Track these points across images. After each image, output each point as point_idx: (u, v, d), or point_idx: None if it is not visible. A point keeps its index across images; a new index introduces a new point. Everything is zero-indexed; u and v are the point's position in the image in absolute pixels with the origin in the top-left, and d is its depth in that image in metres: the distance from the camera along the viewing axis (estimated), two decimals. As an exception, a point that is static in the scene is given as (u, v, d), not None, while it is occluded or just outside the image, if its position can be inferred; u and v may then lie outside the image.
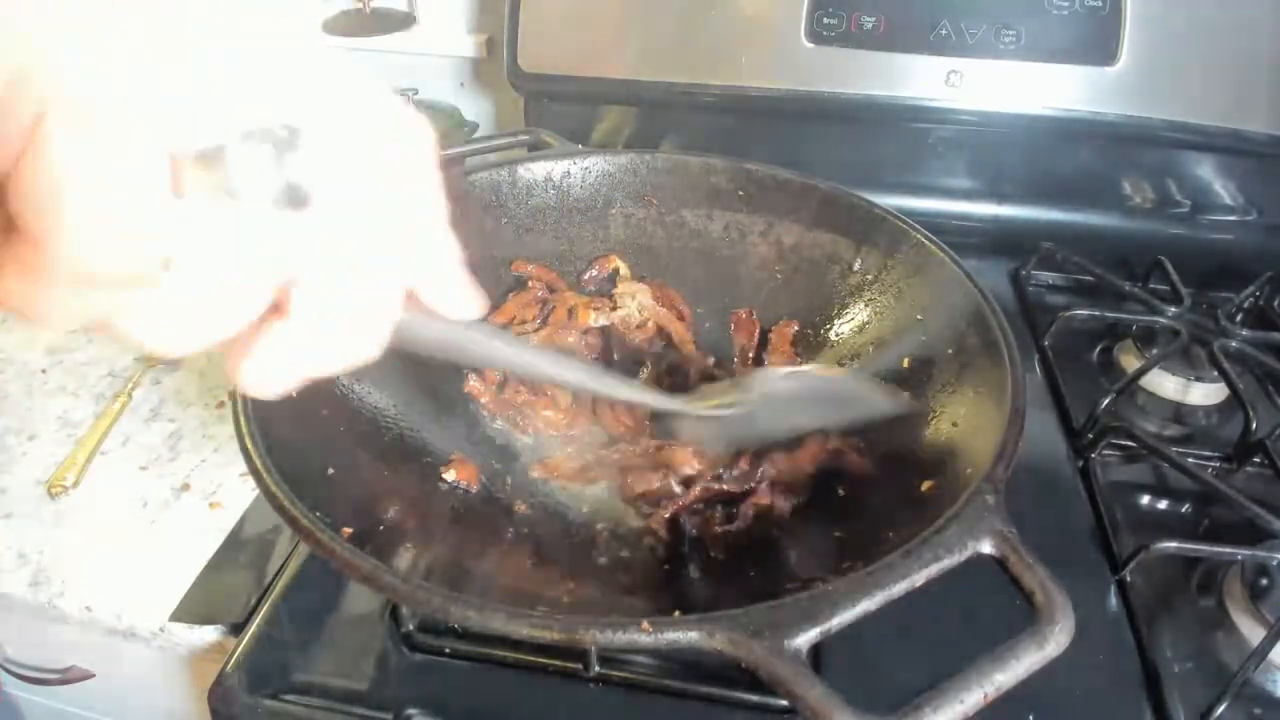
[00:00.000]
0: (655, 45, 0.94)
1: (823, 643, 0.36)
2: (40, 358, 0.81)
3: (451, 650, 0.52)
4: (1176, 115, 0.85)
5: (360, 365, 0.27)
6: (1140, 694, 0.51)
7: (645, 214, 0.74)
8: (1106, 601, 0.57)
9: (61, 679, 0.72)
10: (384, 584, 0.39)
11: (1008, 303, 0.87)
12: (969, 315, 0.56)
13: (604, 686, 0.51)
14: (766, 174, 0.71)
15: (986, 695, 0.34)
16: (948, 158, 0.96)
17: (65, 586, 0.60)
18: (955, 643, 0.37)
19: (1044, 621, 0.36)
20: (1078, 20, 0.84)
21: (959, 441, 0.51)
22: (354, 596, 0.56)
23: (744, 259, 0.73)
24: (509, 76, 0.98)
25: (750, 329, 0.70)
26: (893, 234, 0.65)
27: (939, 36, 0.86)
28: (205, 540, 0.63)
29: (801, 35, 0.88)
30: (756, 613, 0.37)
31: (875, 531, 0.49)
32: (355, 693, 0.50)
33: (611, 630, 0.37)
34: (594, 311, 0.67)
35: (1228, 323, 0.78)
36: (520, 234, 0.72)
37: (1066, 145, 0.92)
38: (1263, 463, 0.66)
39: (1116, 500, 0.64)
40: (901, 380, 0.60)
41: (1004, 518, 0.41)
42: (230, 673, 0.51)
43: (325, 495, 0.45)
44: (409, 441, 0.58)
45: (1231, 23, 0.83)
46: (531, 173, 0.72)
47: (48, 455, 0.70)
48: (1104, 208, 0.95)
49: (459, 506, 0.57)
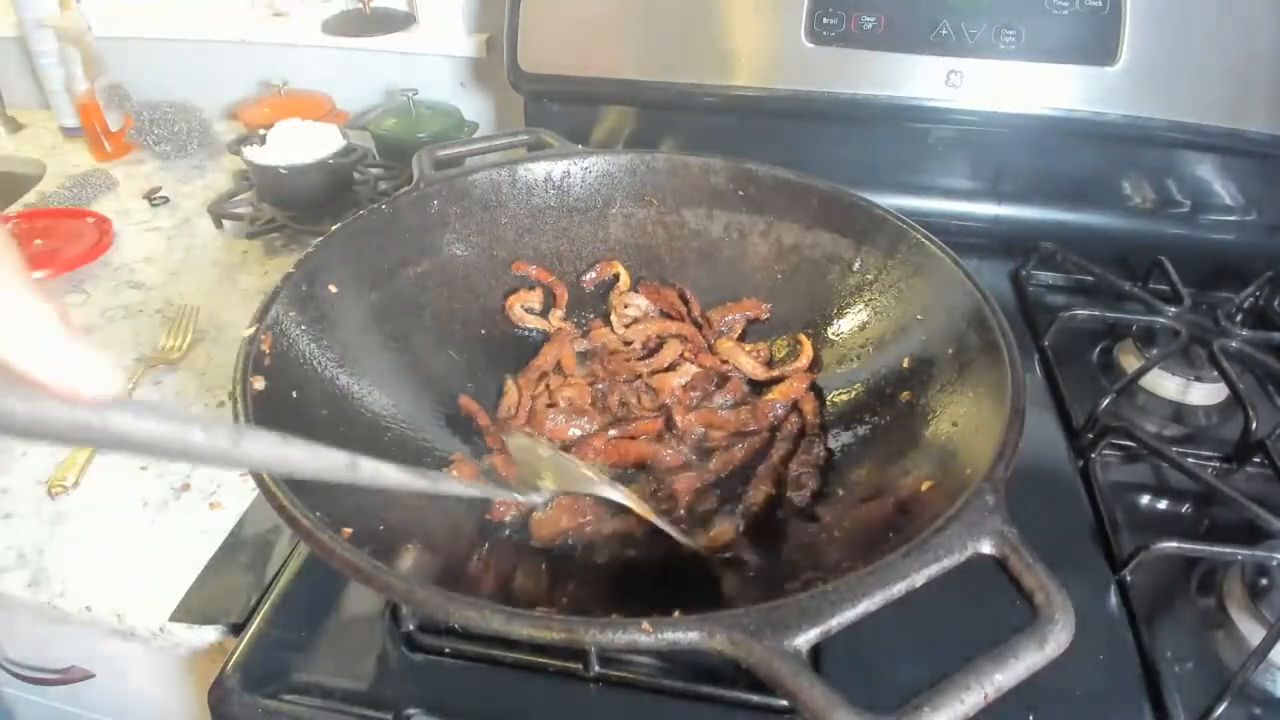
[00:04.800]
0: (655, 45, 0.94)
1: (823, 643, 0.36)
2: (40, 358, 0.81)
3: (451, 650, 0.52)
4: (1176, 115, 0.85)
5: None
6: (1140, 694, 0.51)
7: (645, 214, 0.74)
8: (1106, 601, 0.57)
9: (61, 679, 0.72)
10: (384, 584, 0.39)
11: (1008, 303, 0.87)
12: (969, 315, 0.56)
13: (604, 686, 0.51)
14: (766, 174, 0.71)
15: (986, 695, 0.34)
16: (948, 158, 0.96)
17: (65, 586, 0.60)
18: (955, 643, 0.37)
19: (1044, 621, 0.36)
20: (1078, 20, 0.84)
21: (959, 441, 0.51)
22: (354, 596, 0.56)
23: (744, 259, 0.73)
24: (509, 76, 0.98)
25: (669, 299, 0.71)
26: (893, 234, 0.65)
27: (939, 36, 0.86)
28: (205, 540, 0.63)
29: (801, 35, 0.88)
30: (756, 613, 0.36)
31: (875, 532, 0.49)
32: (355, 693, 0.50)
33: (611, 630, 0.36)
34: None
35: (1228, 323, 0.78)
36: (520, 234, 0.72)
37: (1066, 145, 0.92)
38: (1263, 463, 0.66)
39: (1116, 500, 0.64)
40: (901, 380, 0.60)
41: (1004, 518, 0.41)
42: (230, 673, 0.51)
43: (325, 495, 0.45)
44: (409, 442, 0.58)
45: (1231, 23, 0.83)
46: (531, 173, 0.72)
47: (48, 455, 0.70)
48: (1104, 208, 0.95)
49: (460, 506, 0.57)
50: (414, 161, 0.71)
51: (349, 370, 0.57)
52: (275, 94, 1.20)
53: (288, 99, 1.18)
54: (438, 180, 0.68)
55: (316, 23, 1.21)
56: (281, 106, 1.16)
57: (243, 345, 0.50)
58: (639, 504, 0.53)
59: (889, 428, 0.59)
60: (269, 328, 0.52)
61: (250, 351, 0.50)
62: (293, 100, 1.18)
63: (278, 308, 0.53)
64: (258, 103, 1.21)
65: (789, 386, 0.65)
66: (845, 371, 0.66)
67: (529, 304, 0.72)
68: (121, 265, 0.95)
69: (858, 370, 0.65)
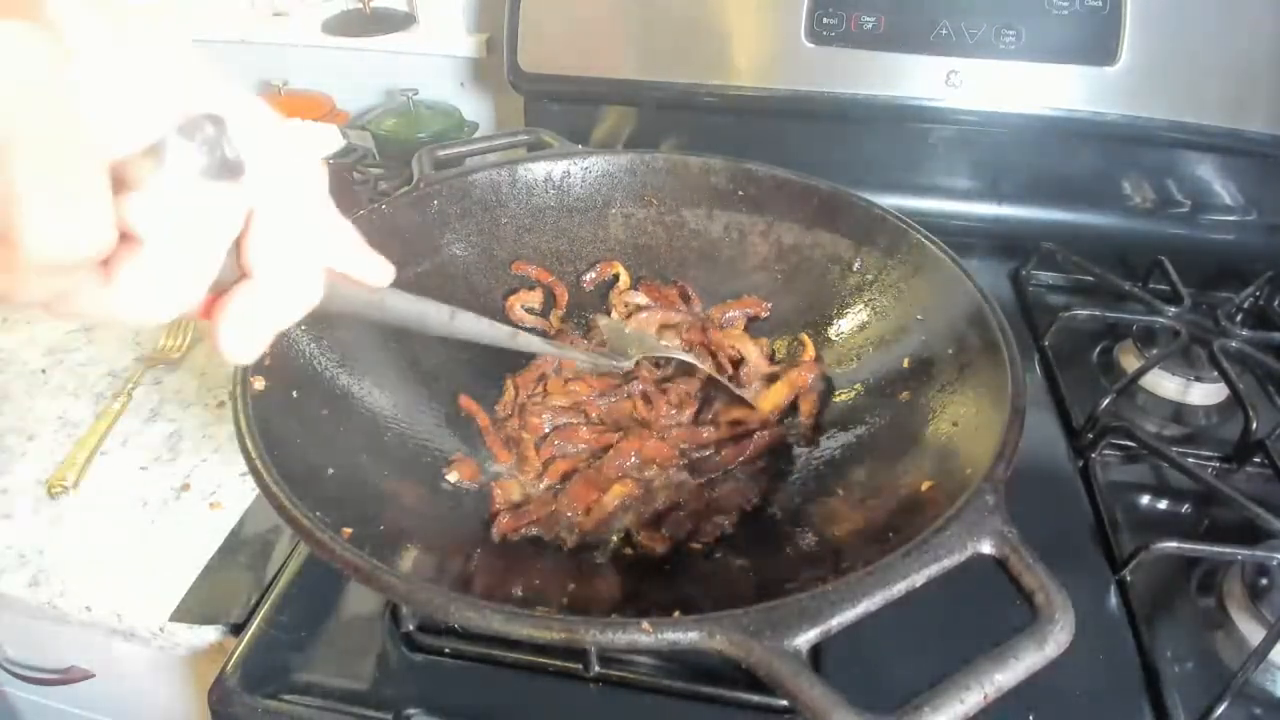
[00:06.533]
0: (655, 45, 0.94)
1: (823, 643, 0.36)
2: (40, 358, 0.81)
3: (451, 650, 0.52)
4: (1176, 115, 0.85)
5: (309, 310, 0.32)
6: (1140, 694, 0.51)
7: (645, 214, 0.74)
8: (1106, 601, 0.57)
9: (61, 679, 0.72)
10: (384, 584, 0.39)
11: (1008, 303, 0.87)
12: (969, 315, 0.56)
13: (604, 686, 0.51)
14: (766, 174, 0.71)
15: (986, 695, 0.34)
16: (948, 158, 0.96)
17: (65, 586, 0.60)
18: (955, 643, 0.37)
19: (1044, 621, 0.36)
20: (1078, 20, 0.84)
21: (959, 441, 0.51)
22: (354, 596, 0.56)
23: (744, 259, 0.73)
24: (509, 76, 0.98)
25: (670, 298, 0.72)
26: (893, 234, 0.65)
27: (939, 36, 0.86)
28: (205, 540, 0.63)
29: (801, 35, 0.88)
30: (756, 613, 0.37)
31: (875, 532, 0.49)
32: (355, 693, 0.50)
33: (611, 630, 0.37)
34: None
35: (1228, 323, 0.78)
36: (520, 234, 0.72)
37: (1066, 145, 0.92)
38: (1263, 463, 0.66)
39: (1116, 500, 0.64)
40: (901, 380, 0.60)
41: (1004, 518, 0.41)
42: (230, 673, 0.51)
43: (325, 495, 0.45)
44: (409, 441, 0.58)
45: (1231, 23, 0.83)
46: (531, 173, 0.72)
47: (48, 455, 0.70)
48: (1104, 208, 0.95)
49: (459, 506, 0.57)
50: (414, 161, 0.71)
51: (349, 370, 0.57)
52: (275, 94, 1.19)
53: (288, 99, 1.18)
54: (438, 180, 0.68)
55: (316, 23, 1.21)
56: (281, 106, 1.15)
57: (243, 345, 0.50)
58: (701, 362, 0.65)
59: (889, 428, 0.59)
60: (269, 328, 0.52)
61: (250, 351, 0.50)
62: (293, 100, 1.18)
63: (278, 308, 0.53)
64: (258, 103, 1.20)
65: (797, 375, 0.65)
66: (845, 371, 0.66)
67: (529, 304, 0.72)
68: (121, 265, 0.95)
69: (858, 370, 0.65)
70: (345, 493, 0.48)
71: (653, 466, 0.60)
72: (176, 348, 0.81)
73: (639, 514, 0.57)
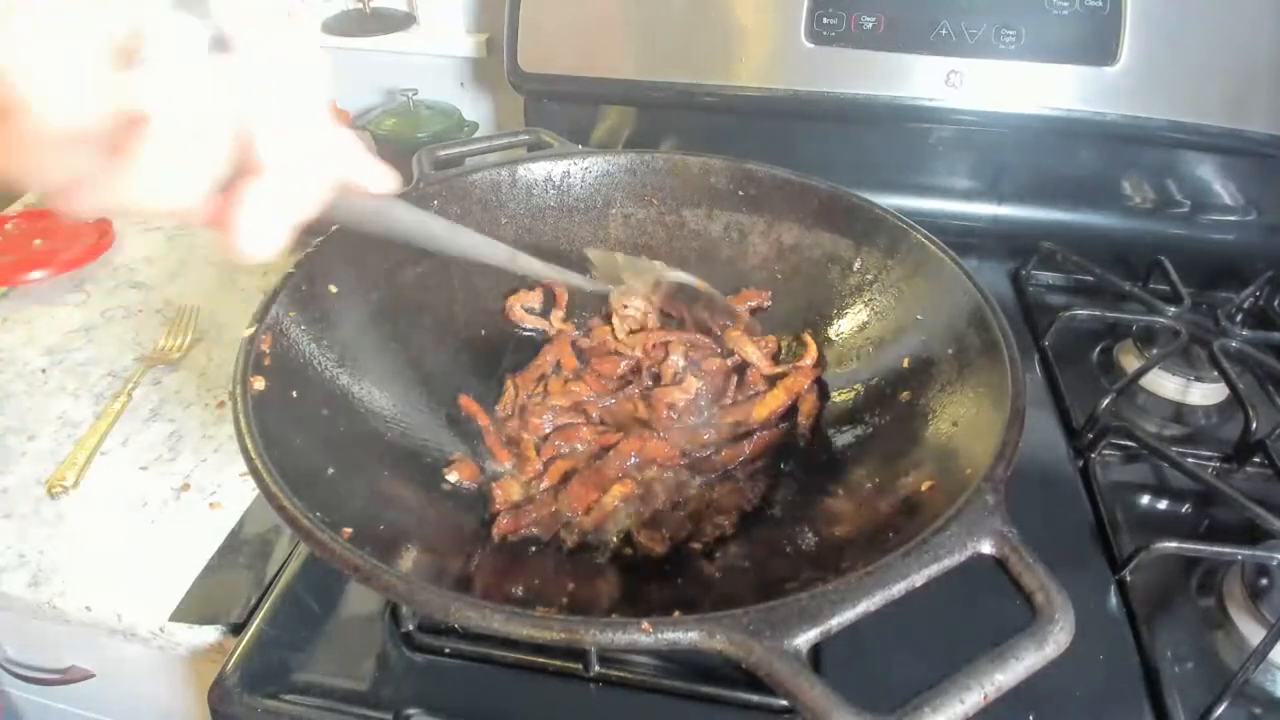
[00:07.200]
0: (655, 45, 0.94)
1: (823, 643, 0.36)
2: (40, 358, 0.81)
3: (451, 650, 0.52)
4: (1176, 115, 0.85)
5: (321, 207, 0.34)
6: (1140, 694, 0.51)
7: (645, 214, 0.74)
8: (1106, 601, 0.57)
9: (61, 679, 0.72)
10: (384, 584, 0.39)
11: (1008, 303, 0.87)
12: (969, 315, 0.56)
13: (604, 686, 0.51)
14: (766, 174, 0.71)
15: (986, 695, 0.34)
16: (948, 158, 0.96)
17: (65, 586, 0.60)
18: (955, 643, 0.37)
19: (1044, 621, 0.36)
20: (1078, 20, 0.84)
21: (959, 441, 0.51)
22: (354, 596, 0.56)
23: (744, 259, 0.73)
24: (509, 76, 0.98)
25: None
26: (893, 234, 0.65)
27: (939, 36, 0.86)
28: (205, 540, 0.63)
29: (801, 35, 0.88)
30: (756, 613, 0.36)
31: (875, 532, 0.49)
32: (355, 693, 0.50)
33: (611, 630, 0.37)
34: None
35: (1228, 323, 0.78)
36: (520, 234, 0.72)
37: (1066, 145, 0.92)
38: (1263, 463, 0.66)
39: (1116, 500, 0.64)
40: (902, 380, 0.60)
41: (1004, 518, 0.41)
42: (230, 673, 0.51)
43: (325, 495, 0.45)
44: (409, 441, 0.58)
45: (1231, 23, 0.83)
46: (531, 173, 0.72)
47: (48, 455, 0.70)
48: (1104, 208, 0.95)
49: (459, 506, 0.57)
50: (414, 161, 0.71)
51: (349, 370, 0.57)
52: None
53: (288, 99, 1.18)
54: (438, 180, 0.68)
55: (316, 23, 1.21)
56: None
57: (243, 345, 0.50)
58: (702, 282, 0.66)
59: (889, 428, 0.59)
60: (269, 328, 0.52)
61: (250, 351, 0.50)
62: (293, 100, 1.18)
63: (277, 308, 0.53)
64: (258, 103, 1.20)
65: (794, 382, 0.65)
66: (845, 371, 0.66)
67: (529, 304, 0.72)
68: (121, 265, 0.95)
69: (858, 370, 0.65)
70: (345, 493, 0.48)
71: (653, 467, 0.60)
72: (176, 348, 0.81)
73: (639, 514, 0.57)
